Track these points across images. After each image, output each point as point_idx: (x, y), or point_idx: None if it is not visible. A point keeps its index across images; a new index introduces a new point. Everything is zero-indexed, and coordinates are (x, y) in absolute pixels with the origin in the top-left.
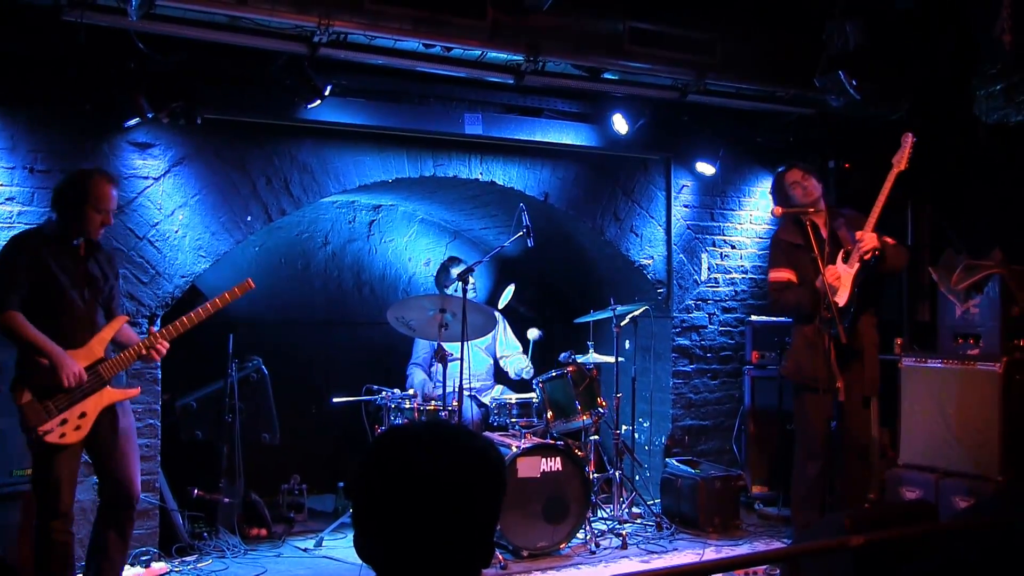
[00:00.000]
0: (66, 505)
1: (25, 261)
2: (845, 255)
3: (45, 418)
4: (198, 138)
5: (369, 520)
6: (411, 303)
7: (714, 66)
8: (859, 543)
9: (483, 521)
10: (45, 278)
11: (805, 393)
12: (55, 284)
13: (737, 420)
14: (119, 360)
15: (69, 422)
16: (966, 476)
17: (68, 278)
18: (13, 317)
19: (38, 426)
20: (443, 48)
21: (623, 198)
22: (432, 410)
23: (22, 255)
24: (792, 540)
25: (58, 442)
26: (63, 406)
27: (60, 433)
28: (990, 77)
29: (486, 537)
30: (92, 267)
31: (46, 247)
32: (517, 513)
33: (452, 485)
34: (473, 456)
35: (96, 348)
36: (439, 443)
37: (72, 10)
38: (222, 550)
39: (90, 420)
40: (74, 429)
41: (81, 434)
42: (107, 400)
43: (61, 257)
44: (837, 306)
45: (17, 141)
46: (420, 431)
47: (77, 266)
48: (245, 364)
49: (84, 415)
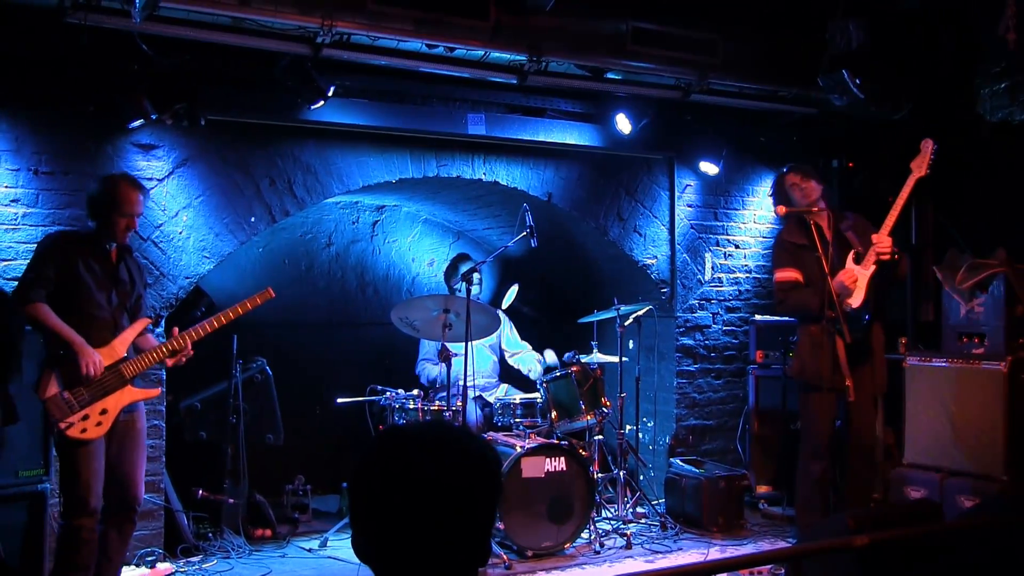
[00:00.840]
0: (94, 502)
1: (55, 259)
2: (856, 256)
3: (68, 412)
4: (202, 139)
5: (366, 520)
6: (415, 303)
7: (717, 66)
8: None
9: (480, 522)
10: (72, 278)
11: (811, 392)
12: (81, 285)
13: (741, 420)
14: (142, 360)
15: (91, 418)
16: (971, 475)
17: (95, 280)
18: (38, 308)
19: (60, 420)
20: (446, 48)
21: (626, 198)
22: (436, 410)
23: (52, 254)
24: (796, 540)
25: (79, 437)
26: (86, 402)
27: (81, 428)
28: (994, 76)
29: (483, 538)
30: (122, 272)
31: (78, 248)
32: (521, 513)
33: (449, 486)
34: (470, 457)
35: (118, 348)
36: (437, 444)
37: (76, 12)
38: (227, 551)
39: (111, 417)
40: (95, 425)
41: (102, 430)
42: (128, 399)
43: (91, 259)
44: (844, 306)
45: (21, 143)
46: (418, 432)
47: (106, 269)
48: (249, 365)
49: (105, 412)
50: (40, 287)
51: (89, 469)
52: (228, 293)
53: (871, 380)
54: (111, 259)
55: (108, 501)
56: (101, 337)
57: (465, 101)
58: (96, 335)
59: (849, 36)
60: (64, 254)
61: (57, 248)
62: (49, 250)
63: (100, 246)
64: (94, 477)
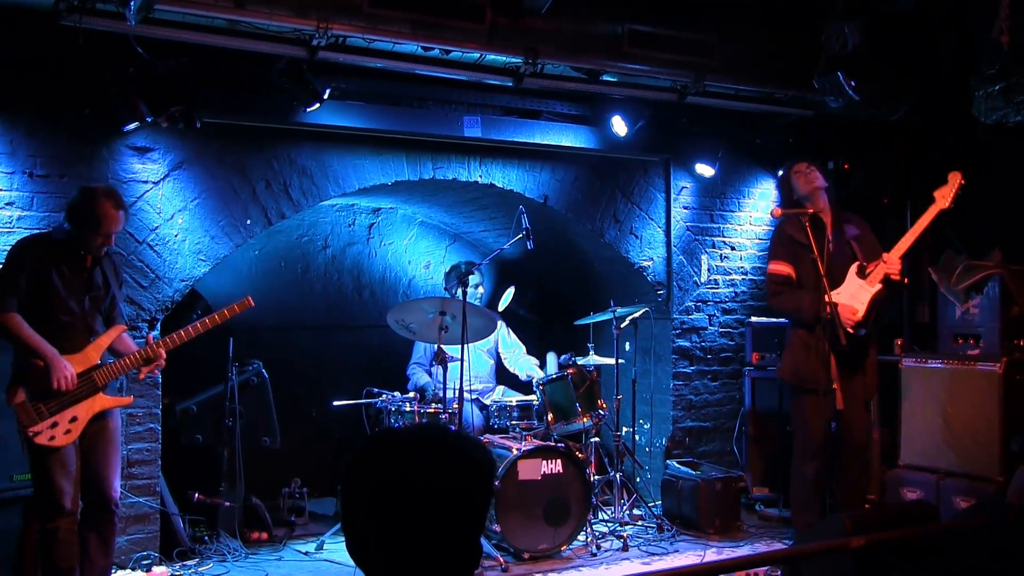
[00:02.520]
0: (69, 504)
1: (27, 266)
2: (860, 269)
3: (36, 419)
4: (197, 142)
5: (357, 521)
6: (411, 306)
7: (713, 68)
8: (860, 544)
9: (470, 526)
10: (44, 284)
11: (803, 395)
12: (53, 290)
13: (738, 421)
14: (114, 367)
15: (60, 425)
16: (966, 476)
17: (67, 285)
18: (10, 318)
19: (29, 427)
20: (442, 51)
21: (622, 200)
22: (432, 413)
23: (25, 260)
24: (793, 541)
25: (47, 444)
26: (55, 409)
27: (50, 436)
28: (989, 78)
29: (473, 542)
30: (96, 275)
31: (51, 253)
32: (518, 515)
33: (439, 489)
34: (462, 461)
35: (92, 354)
36: (428, 447)
37: (71, 14)
38: (223, 554)
39: (81, 424)
40: (64, 433)
41: (71, 438)
42: (99, 406)
43: (64, 264)
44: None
45: (16, 146)
46: (410, 434)
47: (80, 274)
48: (245, 368)
49: (75, 419)
50: (11, 295)
51: (60, 472)
52: (224, 296)
53: (862, 384)
54: (85, 264)
55: (84, 502)
56: (74, 343)
57: (461, 103)
58: (68, 341)
59: (845, 38)
60: (37, 261)
61: (29, 254)
62: (21, 256)
63: (75, 252)
64: (66, 479)
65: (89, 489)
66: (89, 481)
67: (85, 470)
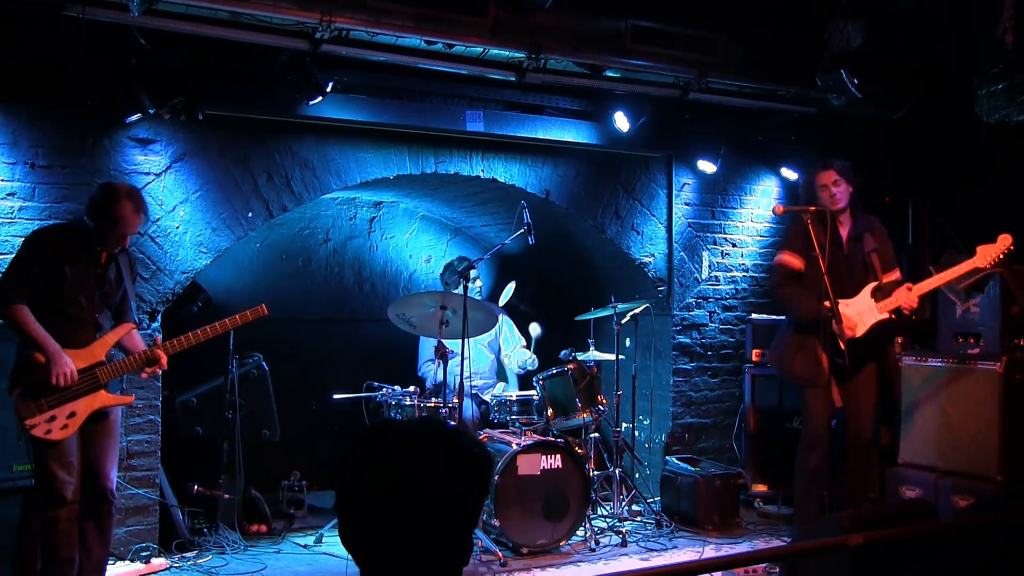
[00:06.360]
0: (69, 494)
1: (40, 258)
2: (876, 291)
3: (34, 412)
4: (199, 134)
5: (350, 511)
6: (412, 300)
7: (716, 64)
8: (858, 542)
9: (463, 521)
10: (55, 277)
11: (807, 387)
12: (64, 284)
13: (737, 418)
14: (118, 366)
15: (57, 419)
16: (965, 475)
17: (78, 279)
18: (18, 311)
19: (26, 419)
20: (445, 45)
21: (624, 196)
22: (432, 407)
23: (38, 251)
24: (792, 535)
25: (43, 437)
26: (54, 403)
27: (46, 429)
28: (992, 77)
29: (465, 537)
30: (109, 271)
31: (65, 246)
32: (517, 510)
33: (432, 483)
34: (457, 456)
35: (97, 351)
36: (423, 441)
37: (74, 6)
38: (222, 546)
39: (79, 420)
40: (61, 428)
41: (68, 432)
42: (99, 403)
43: (78, 257)
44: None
45: (18, 136)
46: (406, 428)
47: (93, 269)
48: (245, 360)
49: (73, 415)
50: (22, 286)
51: (59, 464)
52: (225, 288)
53: (868, 380)
54: (100, 260)
55: (82, 492)
56: (81, 337)
57: (464, 98)
58: (76, 335)
59: (848, 36)
60: (52, 253)
61: (45, 246)
62: (37, 247)
63: (91, 246)
64: (66, 470)
65: (87, 479)
66: (87, 471)
67: (83, 460)
